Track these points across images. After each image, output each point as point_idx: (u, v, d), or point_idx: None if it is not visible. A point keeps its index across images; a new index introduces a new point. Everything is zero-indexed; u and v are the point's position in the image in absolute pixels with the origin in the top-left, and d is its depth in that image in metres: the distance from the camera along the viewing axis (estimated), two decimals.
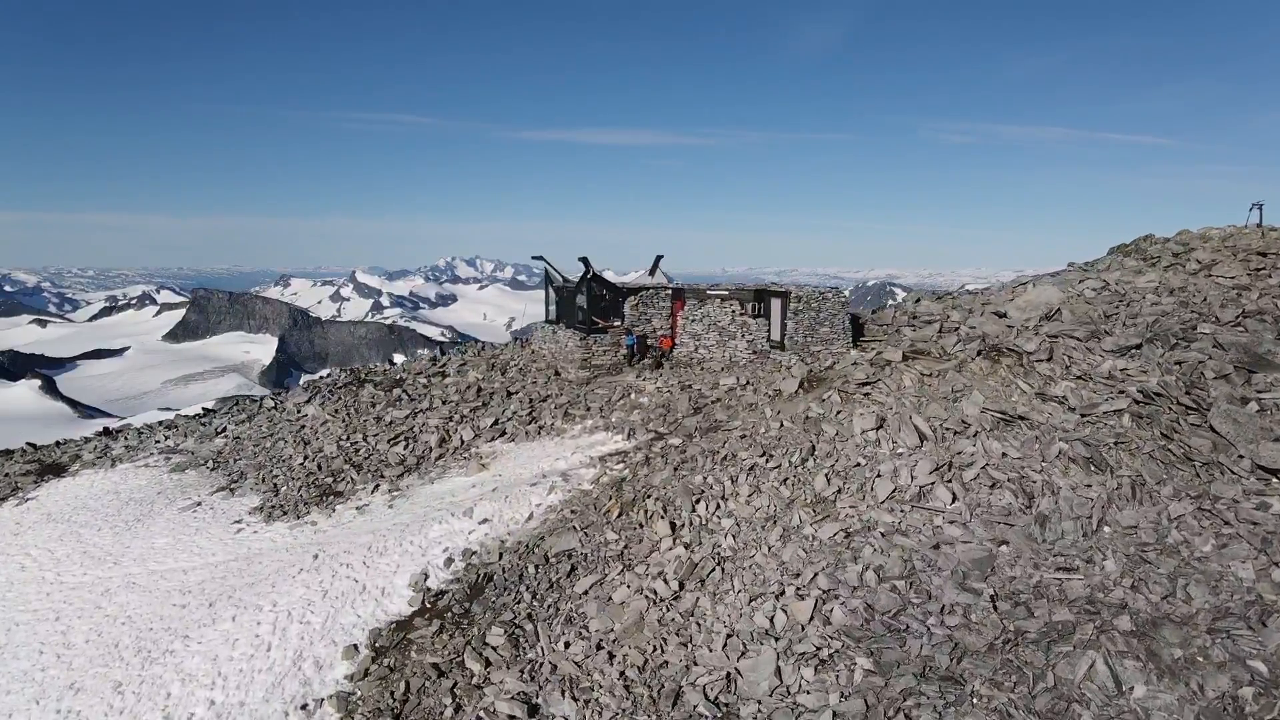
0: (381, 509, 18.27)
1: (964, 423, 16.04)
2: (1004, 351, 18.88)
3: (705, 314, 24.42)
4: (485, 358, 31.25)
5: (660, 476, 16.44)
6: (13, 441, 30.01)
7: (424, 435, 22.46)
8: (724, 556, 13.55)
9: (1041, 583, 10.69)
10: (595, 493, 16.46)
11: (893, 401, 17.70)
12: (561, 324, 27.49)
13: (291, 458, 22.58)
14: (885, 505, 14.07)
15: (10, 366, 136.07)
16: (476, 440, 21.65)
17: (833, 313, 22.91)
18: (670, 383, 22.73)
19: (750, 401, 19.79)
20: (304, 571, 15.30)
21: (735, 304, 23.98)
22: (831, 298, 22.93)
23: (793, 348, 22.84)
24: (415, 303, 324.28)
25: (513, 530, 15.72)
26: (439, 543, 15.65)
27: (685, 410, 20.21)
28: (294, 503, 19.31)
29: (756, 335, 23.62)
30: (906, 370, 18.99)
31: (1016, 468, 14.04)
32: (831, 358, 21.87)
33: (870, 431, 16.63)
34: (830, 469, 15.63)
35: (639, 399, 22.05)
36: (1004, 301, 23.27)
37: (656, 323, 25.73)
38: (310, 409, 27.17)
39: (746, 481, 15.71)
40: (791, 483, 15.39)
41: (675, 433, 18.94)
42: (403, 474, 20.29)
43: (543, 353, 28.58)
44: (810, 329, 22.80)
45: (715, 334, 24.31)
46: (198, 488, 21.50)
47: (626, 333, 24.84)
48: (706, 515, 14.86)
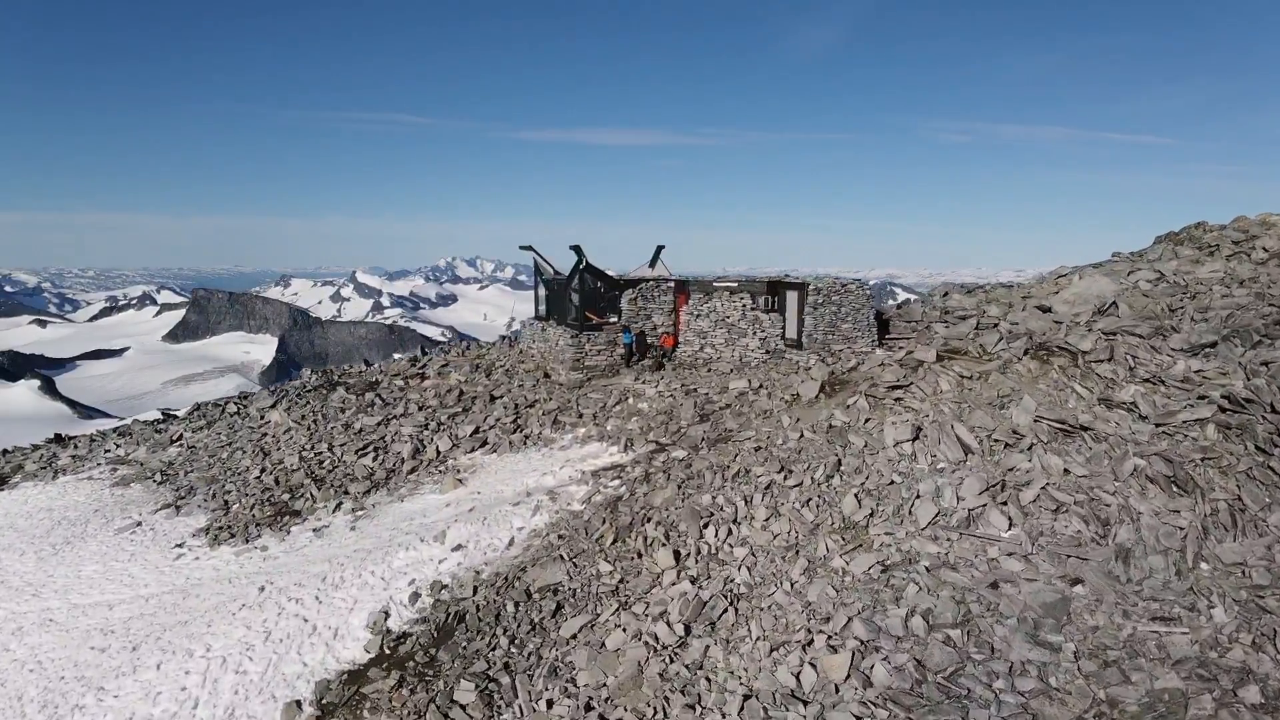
0: (342, 531, 16.58)
1: (1015, 433, 14.34)
2: (1054, 351, 17.18)
3: (712, 309, 22.71)
4: (469, 358, 29.56)
5: (662, 496, 14.73)
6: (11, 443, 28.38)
7: (396, 445, 20.77)
8: (738, 594, 11.85)
9: (1135, 636, 8.98)
10: (587, 514, 14.76)
11: (929, 408, 16.00)
12: (552, 321, 25.79)
13: (248, 470, 20.91)
14: (928, 532, 12.37)
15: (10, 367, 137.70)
16: (454, 451, 19.95)
17: (856, 307, 21.21)
18: (673, 386, 21.01)
19: (764, 408, 18.09)
20: (246, 608, 13.61)
21: (746, 297, 22.29)
22: (854, 290, 21.22)
23: (811, 346, 21.12)
24: (415, 303, 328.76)
25: (490, 559, 14.02)
26: (404, 573, 13.96)
27: (690, 418, 18.50)
28: (244, 523, 17.62)
29: (770, 332, 21.90)
30: (943, 372, 17.30)
31: (1084, 488, 12.32)
32: (855, 358, 20.16)
33: (905, 443, 14.93)
34: (860, 487, 13.93)
35: (638, 405, 20.34)
36: (1047, 295, 21.57)
37: (657, 319, 24.03)
38: (274, 415, 25.49)
39: (763, 502, 14.00)
40: (816, 504, 13.69)
41: (679, 444, 17.24)
42: (370, 490, 18.59)
43: (531, 353, 26.88)
44: (831, 325, 21.09)
45: (723, 331, 22.60)
46: (140, 504, 19.81)
47: (624, 330, 23.14)
48: (716, 543, 13.15)
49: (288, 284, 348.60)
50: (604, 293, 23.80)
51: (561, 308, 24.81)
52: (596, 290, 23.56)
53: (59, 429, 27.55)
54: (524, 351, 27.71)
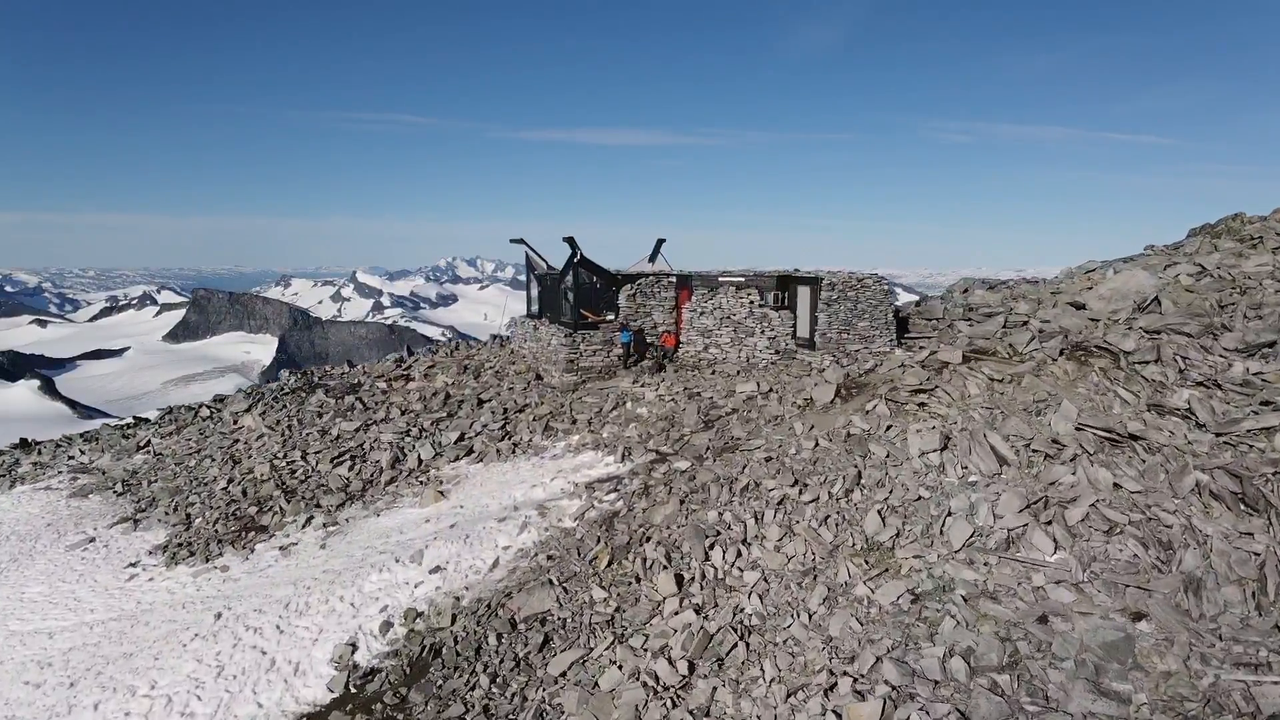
0: (311, 549, 15.46)
1: (1055, 443, 13.21)
2: (1093, 351, 16.06)
3: (717, 306, 21.59)
4: (457, 359, 28.45)
5: (663, 512, 13.61)
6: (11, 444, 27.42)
7: (374, 453, 19.65)
8: (749, 626, 10.72)
9: (1218, 686, 7.86)
10: (579, 532, 13.63)
11: (957, 414, 14.87)
12: (545, 319, 24.68)
13: (215, 480, 19.82)
14: (962, 555, 11.25)
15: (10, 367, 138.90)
16: (437, 460, 18.83)
17: (873, 303, 20.07)
18: (675, 389, 19.89)
19: (775, 414, 16.96)
20: (199, 638, 12.50)
21: (754, 293, 21.16)
22: (872, 285, 20.08)
23: (825, 346, 19.98)
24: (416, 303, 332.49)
25: (472, 583, 12.90)
26: (376, 599, 12.85)
27: (694, 424, 17.37)
28: (205, 540, 16.52)
29: (780, 331, 20.77)
30: (970, 374, 16.17)
31: (1139, 506, 11.19)
32: (873, 359, 19.02)
33: (932, 453, 13.81)
34: (884, 503, 12.80)
35: (636, 410, 19.22)
36: (1079, 290, 20.44)
37: (658, 316, 22.90)
38: (248, 420, 24.40)
39: (775, 520, 12.88)
40: (834, 522, 12.56)
41: (681, 453, 16.11)
42: (344, 502, 17.48)
43: (523, 353, 25.76)
44: (846, 323, 19.95)
45: (729, 330, 21.47)
46: (97, 518, 18.70)
47: (622, 328, 22.02)
48: (724, 566, 12.03)
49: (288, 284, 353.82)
50: (600, 288, 22.69)
51: (555, 305, 23.69)
52: (592, 286, 22.45)
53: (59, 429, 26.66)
54: (515, 352, 26.60)
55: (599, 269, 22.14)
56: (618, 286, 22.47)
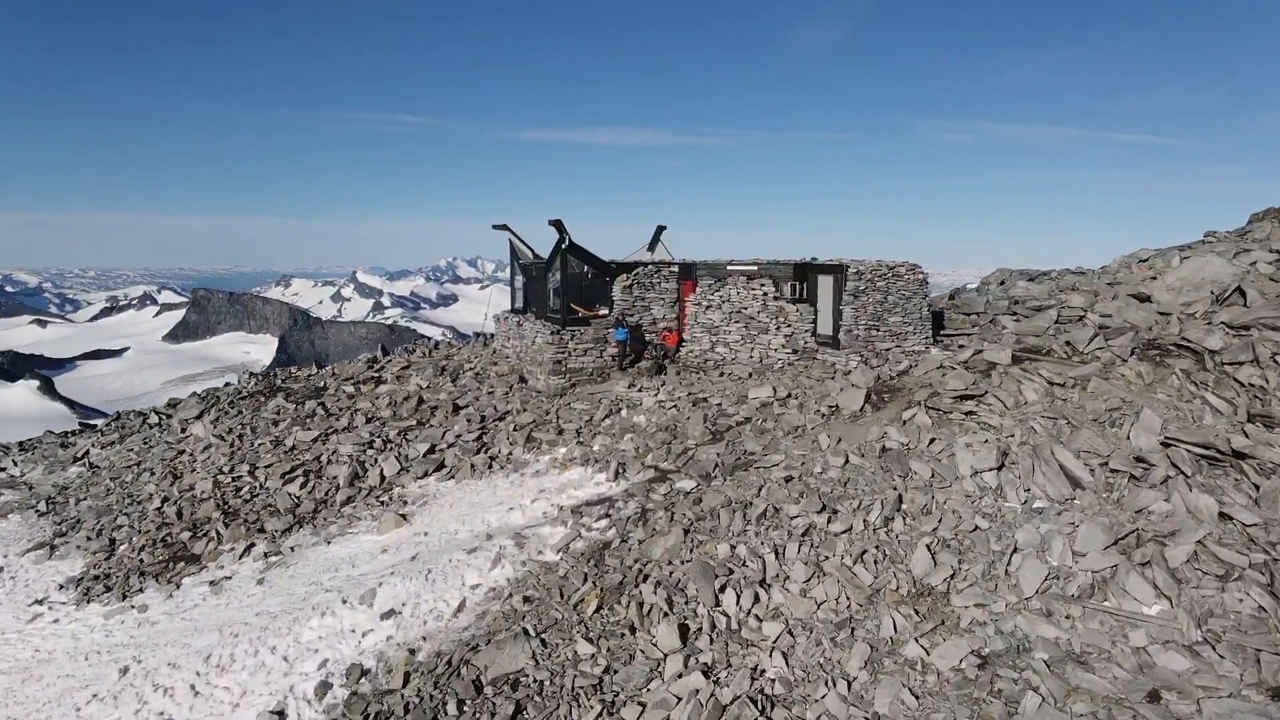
0: (246, 585, 13.60)
1: (1140, 461, 11.34)
2: (1170, 350, 14.21)
3: (725, 298, 19.72)
4: (435, 359, 26.61)
5: (663, 544, 11.74)
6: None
7: (331, 467, 17.80)
8: (771, 696, 8.87)
9: None
10: (563, 568, 11.77)
11: (1013, 425, 13.01)
12: (530, 314, 22.83)
13: (150, 498, 17.98)
14: (1038, 604, 9.39)
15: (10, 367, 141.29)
16: (402, 476, 16.97)
17: (906, 295, 18.21)
18: (677, 394, 18.01)
19: (795, 424, 15.09)
20: (97, 699, 10.66)
21: (768, 284, 19.29)
22: (905, 275, 18.22)
23: (851, 344, 18.10)
24: (416, 303, 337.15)
25: (431, 631, 11.04)
26: (315, 651, 10.99)
27: (700, 436, 15.51)
28: (127, 572, 14.67)
29: (798, 327, 18.91)
30: (1025, 377, 14.31)
31: (1259, 543, 9.33)
32: (906, 359, 17.18)
33: (987, 473, 11.95)
34: (933, 535, 10.95)
35: (632, 418, 17.35)
36: (1141, 280, 18.59)
37: (657, 311, 21.03)
38: (197, 428, 22.57)
39: (800, 555, 11.02)
40: (873, 559, 10.70)
41: (685, 471, 14.24)
42: (291, 527, 15.62)
43: (506, 353, 23.91)
44: (875, 318, 18.08)
45: (739, 325, 19.60)
46: (10, 542, 16.85)
47: (616, 324, 20.14)
48: (738, 614, 10.17)
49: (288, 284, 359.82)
50: (592, 279, 20.83)
51: (541, 298, 21.83)
52: (583, 276, 20.60)
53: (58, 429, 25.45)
54: (498, 352, 24.75)
55: (591, 257, 20.29)
56: (612, 277, 20.60)
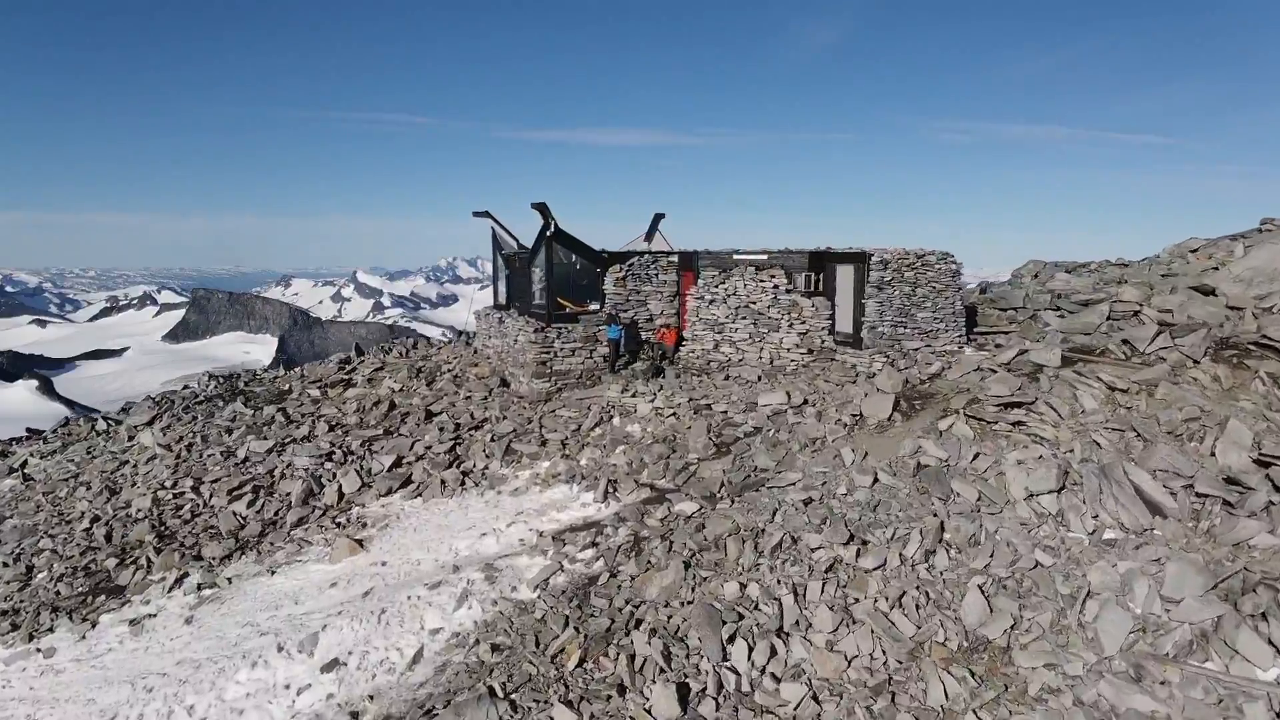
0: (173, 624, 11.99)
1: (1233, 483, 9.75)
2: (1250, 349, 12.63)
3: (731, 291, 18.10)
4: (411, 360, 25.02)
5: (659, 581, 10.15)
6: None
7: (285, 483, 16.20)
8: None
9: None
10: (540, 609, 10.18)
11: (1072, 438, 11.42)
12: (513, 310, 21.23)
13: (81, 517, 16.38)
14: (1123, 666, 7.79)
15: (9, 367, 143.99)
16: (363, 493, 15.36)
17: (938, 288, 16.59)
18: (676, 400, 16.40)
19: (813, 435, 13.47)
20: None
21: (779, 275, 17.68)
22: (936, 264, 16.61)
23: (875, 343, 16.49)
24: (416, 303, 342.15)
25: (380, 687, 9.46)
26: (239, 713, 9.44)
27: (702, 449, 13.90)
28: (38, 606, 13.05)
29: (814, 323, 17.30)
30: (1080, 382, 12.72)
31: None
32: (938, 359, 15.58)
33: (1046, 495, 10.36)
34: (985, 574, 9.36)
35: (626, 427, 15.73)
36: (1202, 271, 17.00)
37: (654, 306, 19.41)
38: (145, 436, 20.96)
39: (824, 597, 9.43)
40: (914, 602, 9.11)
41: (686, 490, 12.64)
42: (233, 552, 14.01)
43: (487, 353, 22.31)
44: (902, 313, 16.47)
45: (747, 322, 17.99)
46: None
47: (608, 321, 18.53)
48: (751, 673, 8.59)
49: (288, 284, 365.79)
50: (581, 270, 19.24)
51: (524, 292, 20.21)
52: (571, 267, 19.00)
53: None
54: (479, 352, 23.15)
55: (579, 246, 18.68)
56: (603, 268, 19.00)
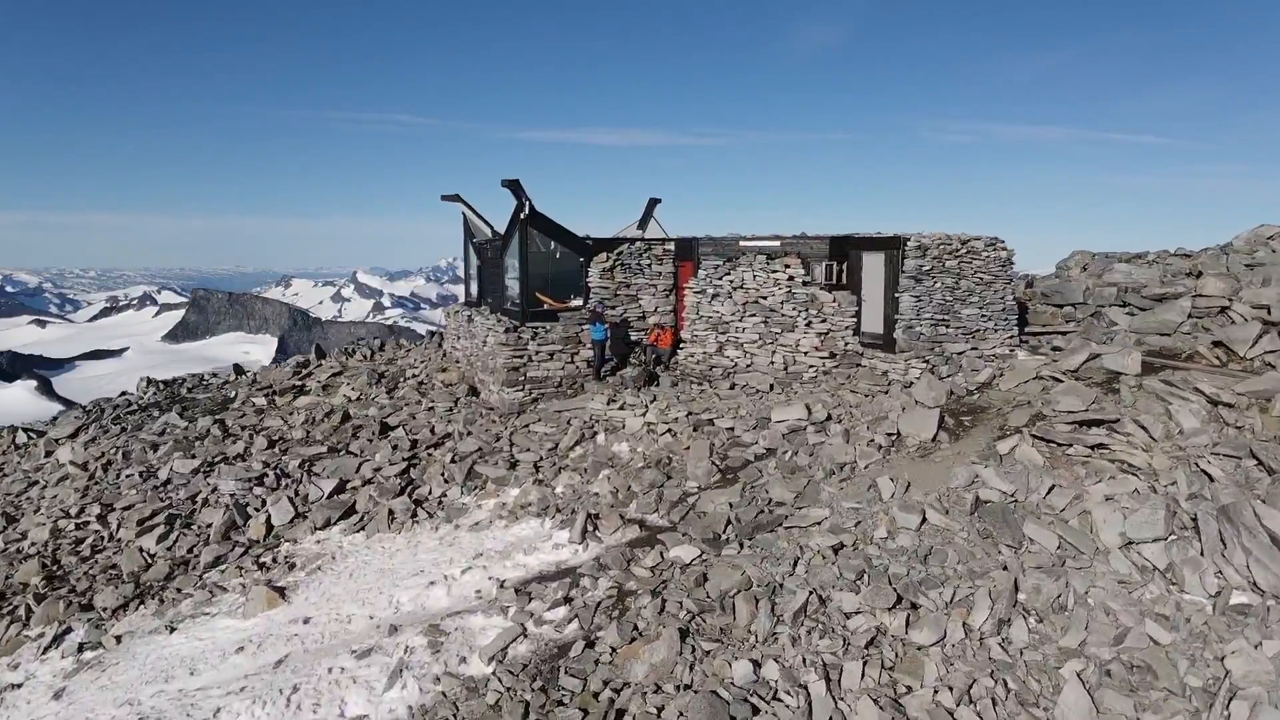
0: (38, 700, 9.88)
1: None
2: None
3: (738, 284, 16.02)
4: (374, 364, 22.93)
5: (649, 656, 8.04)
6: None
7: (206, 512, 14.11)
8: None
9: None
10: (494, 691, 8.08)
11: (1172, 466, 9.33)
12: (484, 307, 19.14)
13: None
14: None
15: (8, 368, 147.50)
16: (295, 526, 13.26)
17: (986, 279, 14.48)
18: (672, 414, 14.29)
19: (841, 459, 11.36)
20: None
21: (795, 264, 15.57)
22: (984, 251, 14.50)
23: (911, 345, 14.35)
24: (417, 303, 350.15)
25: None
26: None
27: (704, 475, 11.79)
28: None
29: (837, 322, 15.21)
30: (1173, 395, 10.64)
31: None
32: (988, 365, 13.49)
33: (1149, 545, 8.28)
34: (1081, 656, 7.26)
35: (612, 446, 13.62)
36: None
37: (647, 301, 17.32)
38: (64, 451, 18.90)
39: (864, 683, 7.34)
40: (989, 697, 7.01)
41: (684, 529, 10.53)
42: (130, 601, 11.91)
43: (456, 355, 20.21)
44: (944, 310, 14.36)
45: (757, 320, 15.88)
46: None
47: (593, 320, 16.41)
48: None
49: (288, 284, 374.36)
50: (562, 259, 17.16)
51: (497, 286, 18.11)
52: (550, 256, 16.91)
53: None
54: (448, 355, 21.06)
55: (560, 231, 16.57)
56: (588, 258, 16.89)
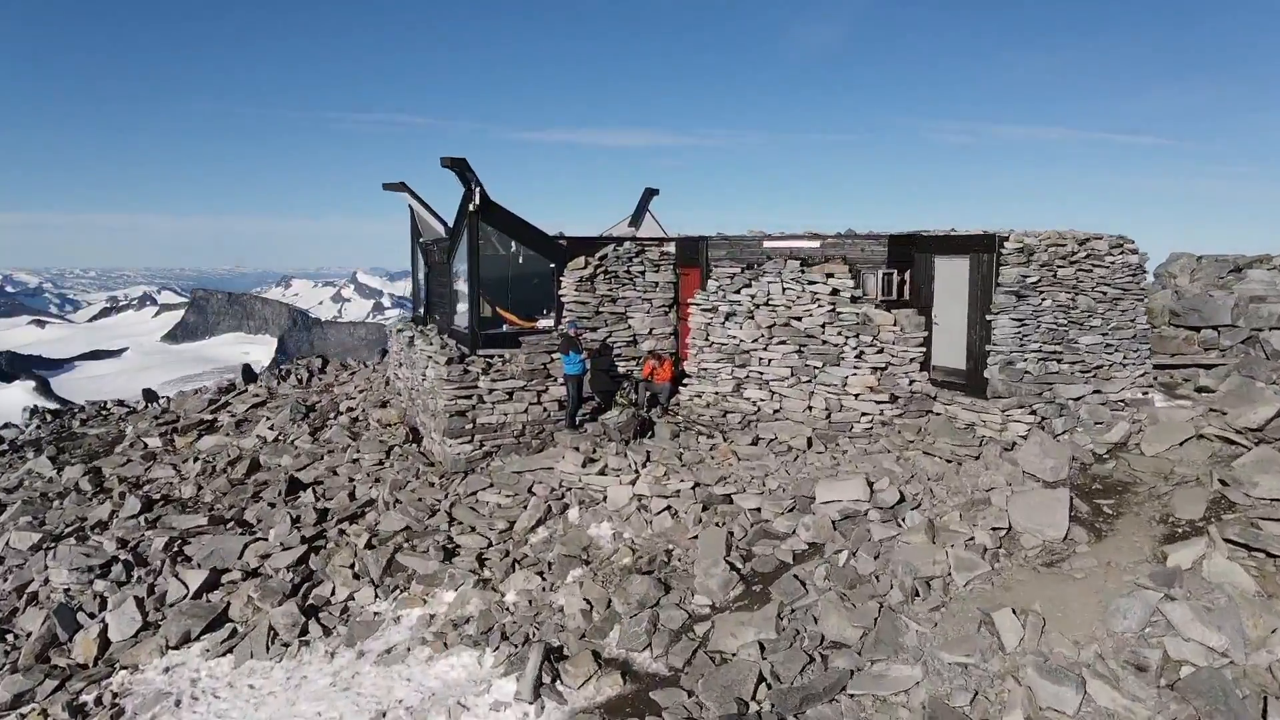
0: None
1: None
2: None
3: (762, 298, 12.44)
4: (306, 393, 19.54)
5: None
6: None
7: (29, 614, 10.67)
8: None
9: None
10: None
11: None
12: (432, 326, 15.67)
13: None
14: None
15: (7, 368, 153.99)
16: (140, 643, 9.77)
17: (1112, 294, 10.80)
18: (673, 484, 10.74)
19: (926, 570, 7.84)
20: None
21: (840, 274, 11.91)
22: (1107, 255, 10.96)
23: (1011, 388, 10.55)
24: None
25: None
26: None
27: (720, 586, 8.30)
28: None
29: (898, 352, 11.59)
30: None
31: None
32: (1119, 417, 10.00)
33: None
34: None
35: (589, 528, 10.12)
36: None
37: (638, 321, 13.84)
38: None
39: None
40: None
41: (688, 683, 7.05)
42: None
43: (398, 386, 16.75)
44: (1057, 338, 10.69)
45: (789, 349, 12.26)
46: None
47: (566, 348, 12.78)
48: None
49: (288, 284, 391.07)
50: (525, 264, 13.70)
51: (445, 299, 14.64)
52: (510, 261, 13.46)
53: None
54: (390, 384, 17.61)
55: (522, 227, 13.10)
56: (560, 263, 13.43)
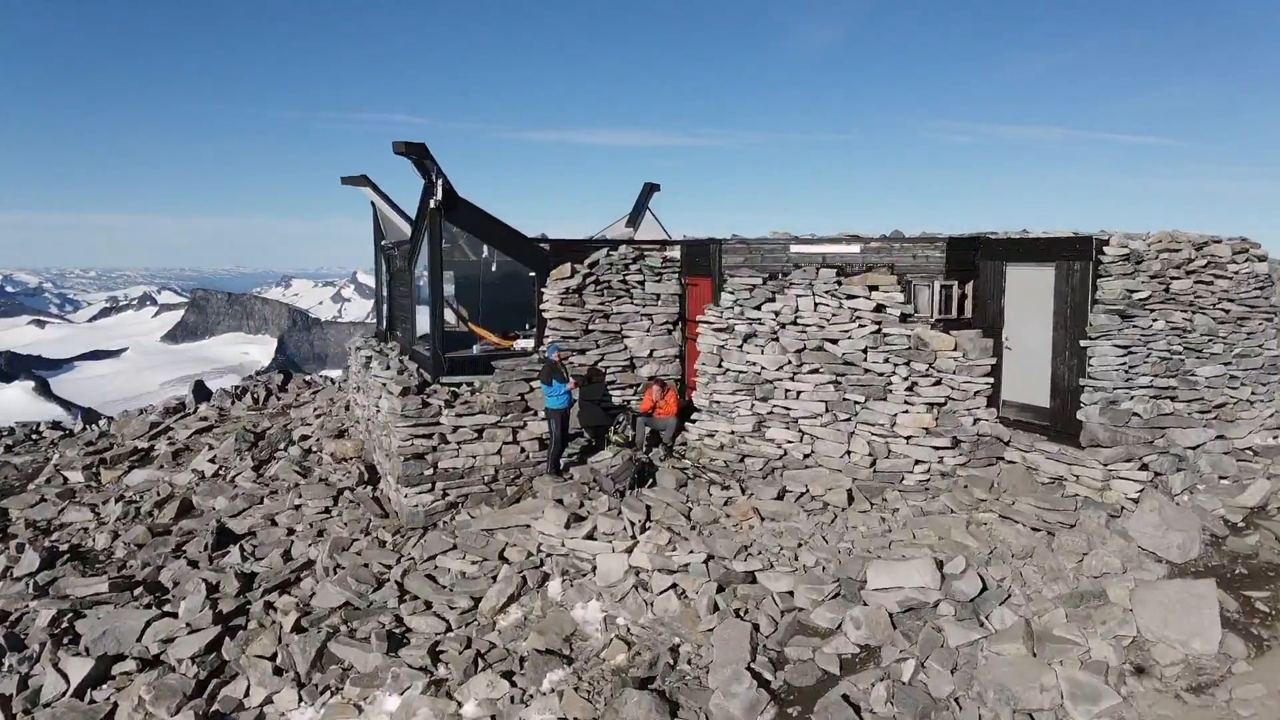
0: None
1: None
2: None
3: (789, 315, 10.43)
4: (260, 414, 17.66)
5: None
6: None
7: None
8: None
9: None
10: None
11: None
12: (395, 342, 13.73)
13: None
14: None
15: (6, 368, 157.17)
16: None
17: (1236, 312, 8.79)
18: (679, 555, 8.67)
19: (1030, 700, 5.89)
20: None
21: (886, 285, 9.84)
22: (1230, 263, 8.97)
23: (1115, 434, 8.40)
24: None
25: None
26: None
27: (745, 708, 6.33)
28: None
29: (960, 383, 9.50)
30: None
31: None
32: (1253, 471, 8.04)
33: None
34: None
35: (572, 609, 8.14)
36: None
37: (636, 342, 11.86)
38: None
39: None
40: None
41: None
42: None
43: (356, 414, 14.79)
44: (1171, 367, 8.60)
45: (823, 379, 10.18)
46: None
47: (548, 376, 10.74)
48: None
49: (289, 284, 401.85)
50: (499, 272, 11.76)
51: (405, 312, 12.68)
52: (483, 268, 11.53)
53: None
54: (349, 410, 15.68)
55: (496, 227, 11.16)
56: (542, 270, 11.48)
